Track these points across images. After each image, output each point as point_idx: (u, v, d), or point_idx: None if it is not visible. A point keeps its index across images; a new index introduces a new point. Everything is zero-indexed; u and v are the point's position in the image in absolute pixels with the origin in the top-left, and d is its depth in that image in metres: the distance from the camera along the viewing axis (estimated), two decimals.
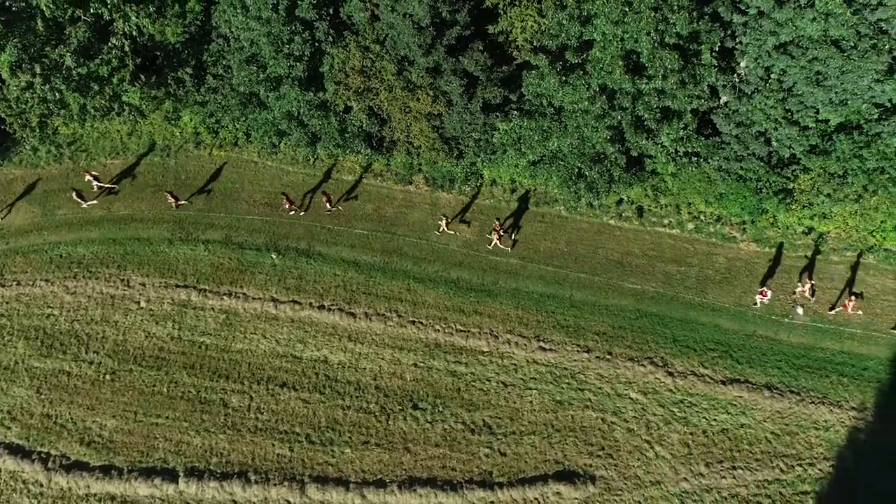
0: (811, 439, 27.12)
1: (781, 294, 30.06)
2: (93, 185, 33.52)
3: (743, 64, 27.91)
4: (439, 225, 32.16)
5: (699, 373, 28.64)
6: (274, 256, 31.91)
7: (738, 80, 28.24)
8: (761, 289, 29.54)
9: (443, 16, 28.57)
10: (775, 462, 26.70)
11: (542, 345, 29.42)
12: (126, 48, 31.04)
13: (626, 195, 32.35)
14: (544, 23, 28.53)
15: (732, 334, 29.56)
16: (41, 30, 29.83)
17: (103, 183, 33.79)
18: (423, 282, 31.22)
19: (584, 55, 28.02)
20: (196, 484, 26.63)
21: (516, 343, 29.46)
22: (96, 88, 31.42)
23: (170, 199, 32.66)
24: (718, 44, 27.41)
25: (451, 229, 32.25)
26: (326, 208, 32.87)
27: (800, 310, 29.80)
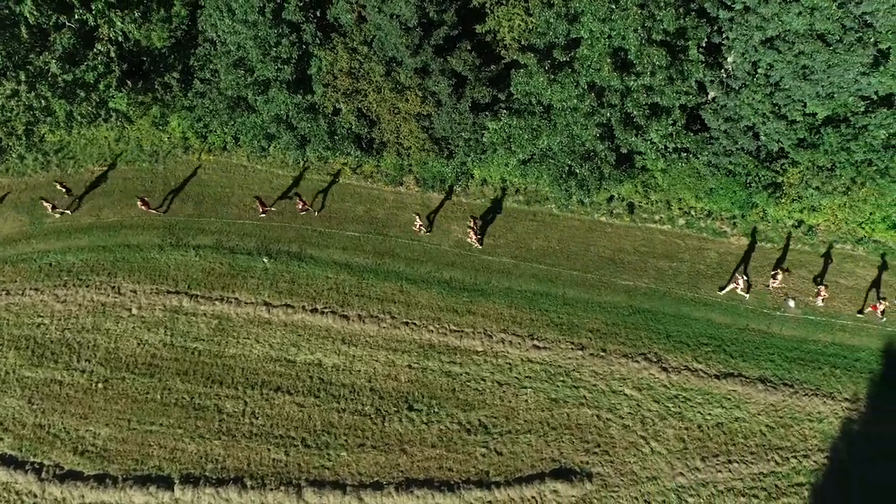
0: (805, 431, 27.28)
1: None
2: (64, 193, 33.43)
3: (730, 59, 28.03)
4: (414, 223, 31.95)
5: (693, 368, 28.76)
6: (266, 260, 31.77)
7: (725, 75, 28.37)
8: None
9: (430, 16, 28.53)
10: (770, 455, 26.85)
11: (536, 343, 29.44)
12: (112, 54, 30.81)
13: (617, 192, 32.42)
14: (532, 21, 28.56)
15: (725, 328, 29.68)
16: (25, 37, 29.54)
17: (70, 188, 33.60)
18: (416, 283, 31.18)
19: (572, 53, 28.07)
20: (192, 491, 26.49)
21: (510, 342, 29.47)
22: (82, 95, 31.19)
23: (140, 205, 32.39)
24: (705, 40, 27.47)
25: (424, 228, 31.94)
26: (310, 211, 32.79)
27: (791, 303, 29.96)
